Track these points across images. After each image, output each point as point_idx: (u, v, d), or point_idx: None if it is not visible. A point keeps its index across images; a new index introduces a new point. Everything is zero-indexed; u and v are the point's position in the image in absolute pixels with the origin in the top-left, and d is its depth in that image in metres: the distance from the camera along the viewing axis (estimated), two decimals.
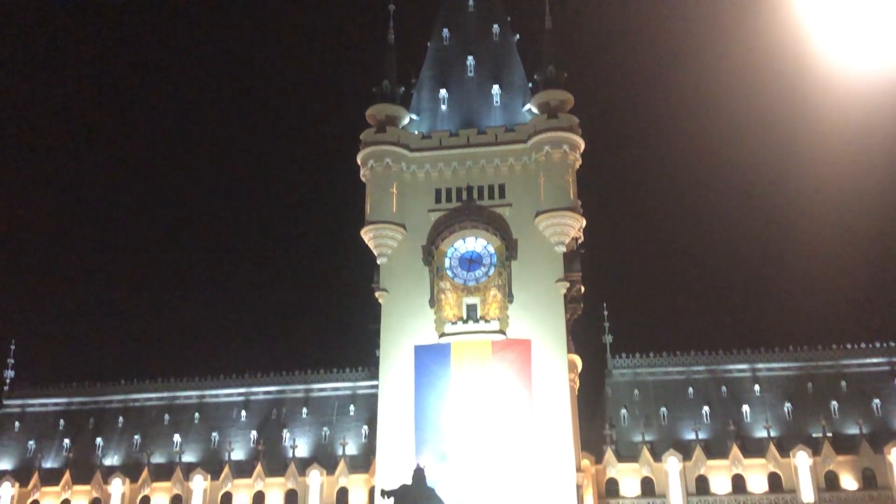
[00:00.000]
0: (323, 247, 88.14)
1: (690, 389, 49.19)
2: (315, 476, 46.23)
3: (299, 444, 48.42)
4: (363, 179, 47.75)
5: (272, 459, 47.57)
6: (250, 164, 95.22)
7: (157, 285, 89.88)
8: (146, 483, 47.64)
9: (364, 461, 46.71)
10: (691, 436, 46.06)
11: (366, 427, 48.54)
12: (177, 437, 50.18)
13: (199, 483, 46.81)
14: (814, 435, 45.36)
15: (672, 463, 44.77)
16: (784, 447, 44.71)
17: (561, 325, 43.85)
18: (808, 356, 49.49)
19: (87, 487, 47.97)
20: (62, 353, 78.80)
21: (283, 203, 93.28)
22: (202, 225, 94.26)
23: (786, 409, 47.59)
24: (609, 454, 45.66)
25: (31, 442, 51.25)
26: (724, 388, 48.97)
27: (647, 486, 45.10)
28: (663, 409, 48.66)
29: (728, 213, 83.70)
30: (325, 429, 49.59)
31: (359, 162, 47.82)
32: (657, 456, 45.26)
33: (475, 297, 44.62)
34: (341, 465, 46.52)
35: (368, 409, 48.28)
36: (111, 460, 49.82)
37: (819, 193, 76.91)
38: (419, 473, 28.49)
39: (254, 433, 49.77)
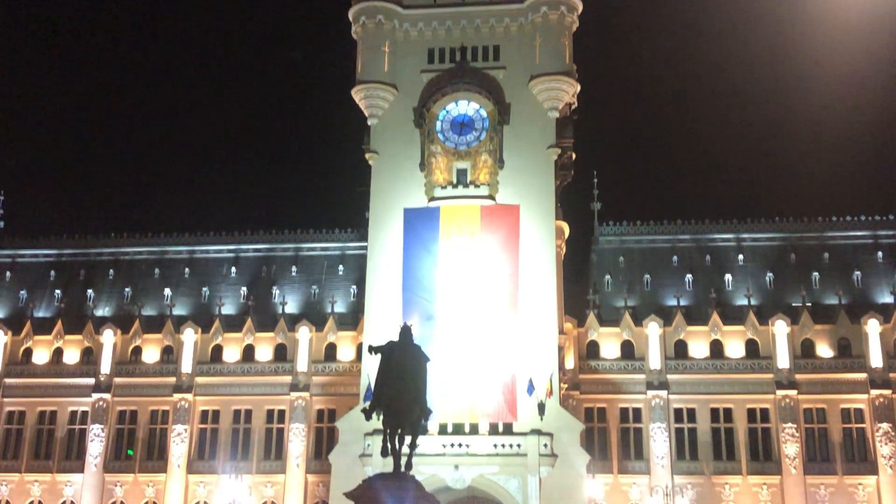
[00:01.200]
0: (315, 106, 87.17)
1: (675, 258, 49.91)
2: (304, 332, 47.17)
3: (289, 301, 49.21)
4: (354, 37, 46.82)
5: (262, 315, 48.42)
6: (243, 21, 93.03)
7: (148, 140, 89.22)
8: (137, 334, 48.54)
9: (352, 319, 47.61)
10: (673, 302, 47.01)
11: (354, 287, 49.25)
12: (167, 291, 50.86)
13: (190, 336, 47.73)
14: (793, 304, 46.35)
15: (652, 328, 45.85)
16: (763, 315, 45.75)
17: (550, 192, 43.96)
18: (793, 227, 50.10)
19: (79, 337, 48.87)
20: (52, 206, 78.88)
21: (276, 61, 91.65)
22: (194, 82, 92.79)
23: (767, 278, 48.47)
24: (591, 318, 46.65)
25: (22, 291, 51.87)
26: (707, 257, 49.70)
27: (627, 350, 46.30)
28: (647, 276, 49.50)
29: (720, 84, 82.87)
30: (314, 287, 50.32)
31: (350, 18, 46.77)
32: (638, 321, 46.30)
33: (466, 161, 44.51)
34: (330, 322, 47.41)
35: (357, 269, 48.86)
36: (102, 311, 50.60)
37: (815, 66, 76.08)
38: (406, 331, 28.90)
39: (244, 289, 50.48)
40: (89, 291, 51.41)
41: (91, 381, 47.65)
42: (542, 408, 40.71)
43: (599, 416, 45.55)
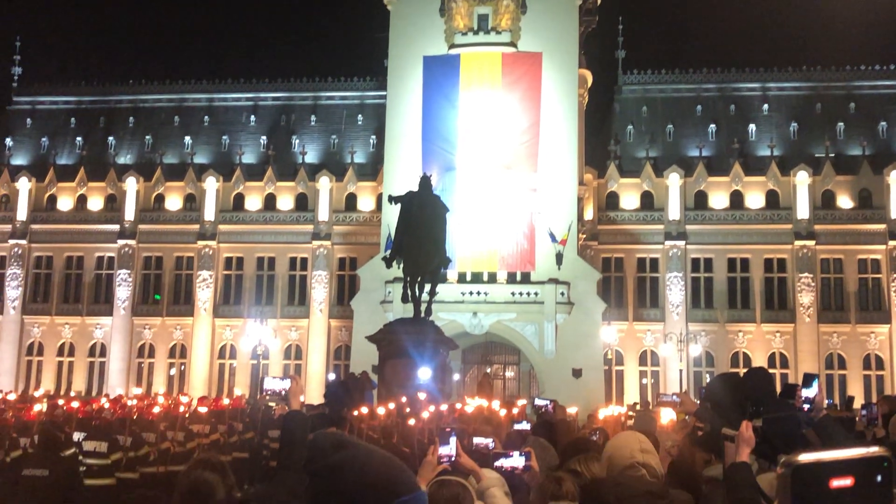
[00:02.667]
0: None
1: (699, 107, 49.16)
2: (324, 182, 47.37)
3: (308, 151, 49.20)
4: None
5: (282, 164, 48.53)
6: None
7: None
8: (160, 182, 48.91)
9: (372, 169, 47.67)
10: (695, 153, 46.63)
11: (373, 137, 49.06)
12: (188, 139, 50.89)
13: (212, 184, 48.06)
14: (816, 155, 45.89)
15: (673, 178, 45.66)
16: (786, 166, 45.41)
17: (574, 39, 42.99)
18: (820, 76, 48.97)
19: (102, 184, 49.31)
20: (70, 52, 78.01)
21: None
22: None
23: (792, 129, 47.83)
24: (612, 169, 46.47)
25: (43, 139, 52.04)
26: (732, 107, 48.92)
27: (647, 200, 46.31)
28: (670, 127, 48.93)
29: None
30: (333, 137, 50.17)
31: None
32: (659, 172, 46.09)
33: (487, 6, 43.36)
34: (350, 173, 47.52)
35: (376, 118, 48.51)
36: (124, 159, 50.84)
37: None
38: (425, 181, 29.06)
39: (263, 138, 50.41)
40: (110, 139, 51.49)
41: (116, 227, 48.40)
42: (559, 257, 41.21)
43: (617, 266, 46.06)
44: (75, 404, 15.18)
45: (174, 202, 48.91)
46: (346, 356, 44.33)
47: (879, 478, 0.64)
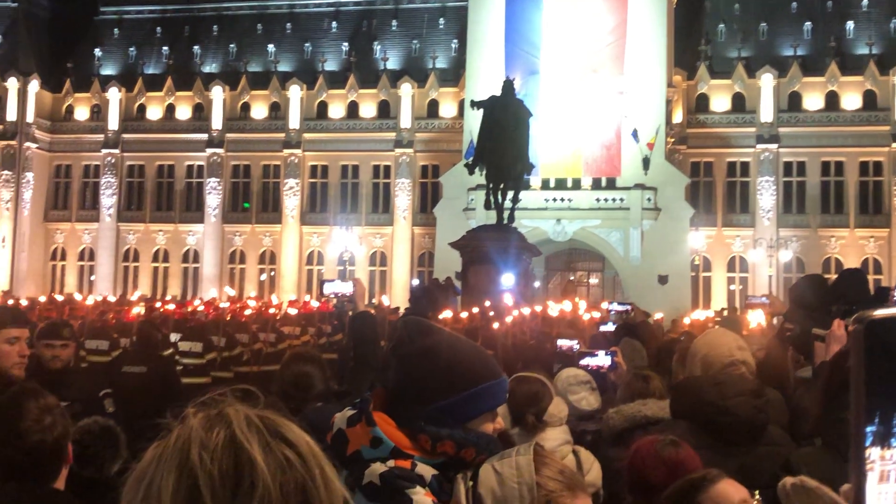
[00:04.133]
0: None
1: (794, 4, 46.94)
2: (406, 88, 47.14)
3: (390, 57, 48.85)
4: None
5: (364, 71, 48.38)
6: None
7: None
8: (245, 91, 49.37)
9: (454, 75, 47.17)
10: (789, 52, 44.78)
11: (455, 41, 48.35)
12: (271, 47, 51.01)
13: (296, 92, 48.30)
14: None
15: (766, 79, 44.04)
16: (884, 65, 43.30)
17: None
18: None
19: (189, 93, 50.01)
20: None
21: None
22: None
23: (891, 25, 45.38)
24: (702, 69, 45.01)
25: (131, 49, 52.78)
26: (829, 3, 46.53)
27: (738, 102, 44.88)
28: (763, 25, 46.93)
29: None
30: (414, 42, 49.64)
31: None
32: (751, 72, 44.48)
33: None
34: (431, 78, 47.16)
35: (458, 22, 47.71)
36: (209, 68, 51.31)
37: None
38: (508, 86, 28.69)
39: (345, 45, 50.20)
40: (195, 48, 51.93)
41: (204, 136, 49.22)
42: (646, 162, 40.48)
43: (706, 171, 45.05)
44: (171, 307, 15.73)
45: (259, 111, 49.41)
46: (429, 263, 44.76)
47: None
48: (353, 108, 48.33)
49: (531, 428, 4.10)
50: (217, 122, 49.06)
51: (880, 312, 0.66)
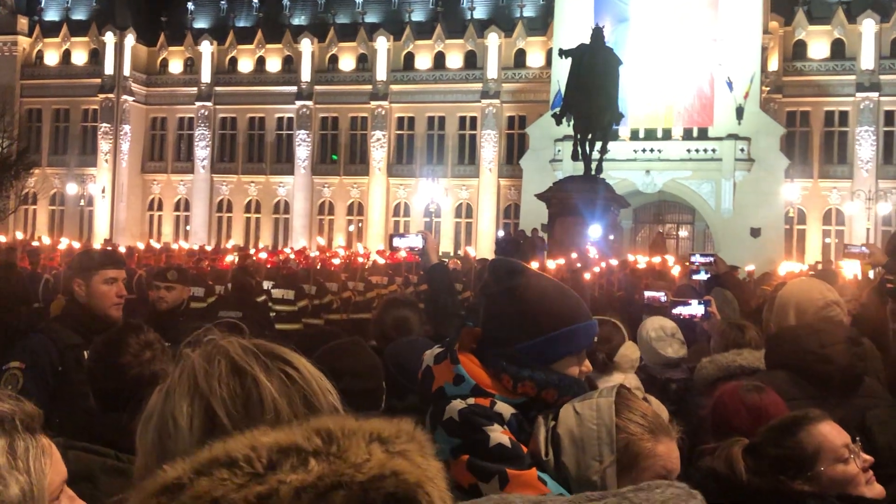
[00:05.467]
0: None
1: None
2: (493, 38, 46.68)
3: (476, 6, 48.34)
4: None
5: (451, 21, 48.03)
6: None
7: None
8: (333, 42, 49.59)
9: (541, 23, 46.48)
10: None
11: None
12: None
13: (383, 44, 48.31)
14: None
15: (867, 24, 42.17)
16: None
17: None
18: None
19: (279, 46, 50.46)
20: None
21: None
22: None
23: None
24: (800, 15, 43.35)
25: (222, 2, 53.34)
26: None
27: (837, 49, 43.18)
28: None
29: None
30: None
31: None
32: (852, 17, 42.64)
33: None
34: (519, 27, 46.58)
35: None
36: (298, 20, 51.58)
37: None
38: (598, 34, 28.19)
39: None
40: (284, 0, 52.28)
41: (293, 88, 49.73)
42: (740, 111, 39.39)
43: (802, 121, 43.63)
44: (263, 255, 16.08)
45: (347, 63, 49.63)
46: (515, 215, 44.62)
47: None
48: (439, 59, 48.15)
49: (601, 366, 4.11)
50: (306, 74, 49.48)
51: None
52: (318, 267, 13.49)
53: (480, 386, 2.14)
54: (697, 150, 40.51)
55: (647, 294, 7.05)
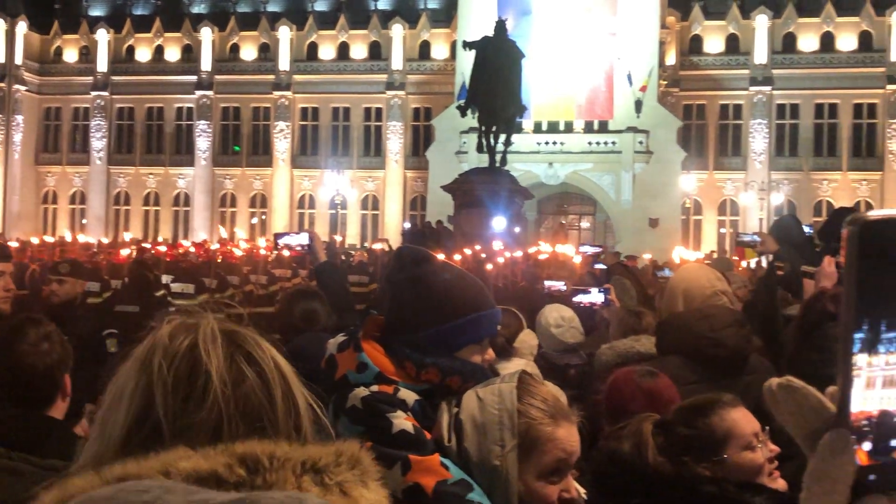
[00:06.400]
0: None
1: None
2: (397, 29, 46.58)
3: None
4: None
5: (354, 12, 47.72)
6: None
7: None
8: (234, 31, 48.73)
9: (445, 15, 46.59)
10: None
11: None
12: None
13: (285, 33, 47.69)
14: None
15: (761, 20, 43.61)
16: (881, 5, 42.88)
17: None
18: None
19: (178, 34, 49.31)
20: None
21: None
22: None
23: None
24: (696, 10, 44.49)
25: None
26: None
27: (732, 44, 44.51)
28: None
29: None
30: None
31: None
32: (746, 13, 44.01)
33: None
34: (423, 19, 46.60)
35: None
36: (198, 8, 50.49)
37: None
38: (501, 27, 28.44)
39: None
40: None
41: (193, 78, 48.70)
42: (638, 105, 40.27)
43: (698, 114, 44.85)
44: (162, 248, 15.72)
45: (249, 52, 48.86)
46: (422, 206, 44.70)
47: None
48: (343, 50, 47.81)
49: (502, 352, 4.17)
50: (206, 63, 48.52)
51: (874, 214, 0.67)
52: (219, 260, 13.26)
53: (384, 373, 2.14)
54: (598, 143, 41.27)
55: (549, 284, 7.16)
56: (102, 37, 49.49)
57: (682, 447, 2.39)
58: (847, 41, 43.39)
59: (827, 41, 43.58)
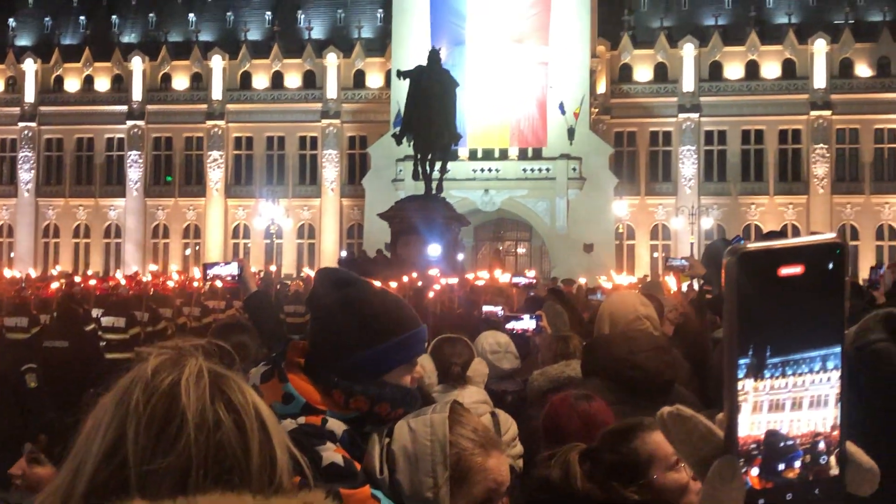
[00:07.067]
0: None
1: None
2: (332, 58, 46.62)
3: (315, 27, 48.22)
4: None
5: (288, 41, 47.68)
6: None
7: None
8: (165, 61, 48.26)
9: (380, 45, 46.81)
10: (711, 21, 45.50)
11: (381, 11, 47.93)
12: (191, 17, 49.88)
13: (218, 62, 47.41)
14: (835, 22, 44.66)
15: (688, 48, 44.69)
16: (803, 34, 44.30)
17: None
18: None
19: (108, 64, 48.67)
20: None
21: None
22: None
23: None
24: (625, 39, 45.45)
25: (47, 19, 51.09)
26: None
27: (661, 72, 45.48)
28: None
29: None
30: (339, 11, 49.06)
31: None
32: (673, 42, 45.08)
33: None
34: (357, 48, 46.73)
35: None
36: (129, 38, 50.01)
37: None
38: (434, 56, 28.64)
39: (268, 14, 49.39)
40: (114, 17, 50.51)
41: (124, 108, 48.05)
42: (571, 132, 40.84)
43: (629, 140, 45.64)
44: (92, 282, 15.40)
45: (181, 82, 48.40)
46: (358, 235, 44.59)
47: (831, 265, 0.65)
48: (277, 79, 47.65)
49: (456, 379, 4.18)
50: (137, 93, 47.92)
51: (753, 245, 0.71)
52: (152, 293, 13.04)
53: (311, 403, 2.09)
54: (533, 170, 41.70)
55: (486, 309, 7.20)
56: (30, 66, 48.59)
57: (609, 472, 2.42)
58: (771, 69, 44.65)
59: (752, 69, 44.79)
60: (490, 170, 41.69)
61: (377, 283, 2.42)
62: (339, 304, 2.20)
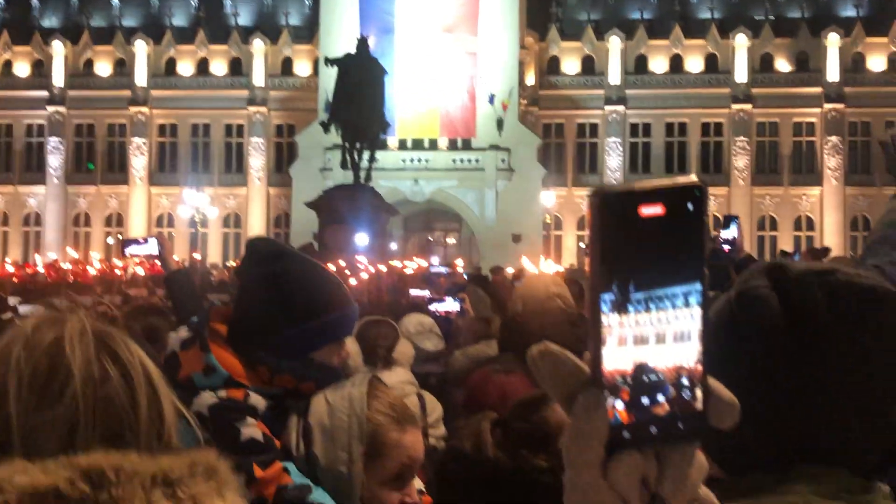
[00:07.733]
0: None
1: None
2: (259, 45, 46.00)
3: (241, 13, 47.52)
4: None
5: (214, 27, 46.89)
6: None
7: None
8: (88, 46, 47.08)
9: (308, 32, 46.35)
10: (636, 15, 46.12)
11: None
12: (115, 2, 48.69)
13: (142, 48, 46.40)
14: (756, 17, 45.65)
15: (614, 42, 45.25)
16: (725, 29, 45.20)
17: None
18: None
19: (28, 48, 47.25)
20: None
21: None
22: None
23: None
24: (553, 32, 45.82)
25: None
26: None
27: (588, 65, 45.98)
28: None
29: None
30: None
31: None
32: (600, 35, 45.59)
33: None
34: (285, 35, 46.20)
35: None
36: (49, 22, 48.56)
37: None
38: (363, 44, 28.58)
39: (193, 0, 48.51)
40: (33, 1, 49.04)
41: (44, 93, 46.71)
42: (500, 123, 41.09)
43: (557, 132, 46.07)
44: (10, 269, 15.01)
45: (104, 67, 47.28)
46: (286, 224, 44.18)
47: (691, 206, 0.67)
48: (203, 65, 46.86)
49: (382, 360, 4.19)
50: (58, 78, 46.63)
51: (613, 186, 0.73)
52: (71, 281, 12.76)
53: (234, 377, 2.04)
54: (462, 161, 41.84)
55: (413, 292, 7.24)
56: None
57: (519, 441, 2.46)
58: (695, 63, 45.51)
59: (676, 63, 45.59)
60: (419, 160, 41.70)
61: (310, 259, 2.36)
62: (267, 278, 2.15)
